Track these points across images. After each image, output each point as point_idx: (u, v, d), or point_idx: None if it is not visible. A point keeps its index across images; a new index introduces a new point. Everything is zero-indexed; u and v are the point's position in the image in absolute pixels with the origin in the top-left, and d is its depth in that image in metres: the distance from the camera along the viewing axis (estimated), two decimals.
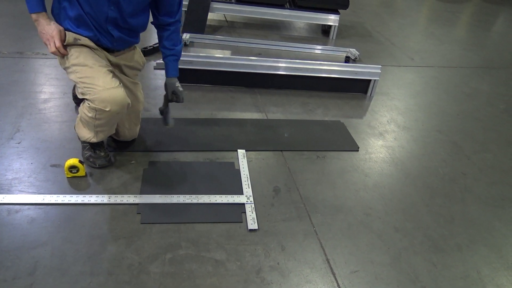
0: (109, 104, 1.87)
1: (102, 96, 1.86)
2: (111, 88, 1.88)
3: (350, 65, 3.44)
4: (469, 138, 2.98)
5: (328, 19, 4.70)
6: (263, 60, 3.24)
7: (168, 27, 2.12)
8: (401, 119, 3.13)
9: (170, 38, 2.14)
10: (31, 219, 1.83)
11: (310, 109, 3.10)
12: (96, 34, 1.95)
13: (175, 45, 2.16)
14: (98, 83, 1.87)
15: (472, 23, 6.49)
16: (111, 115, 1.92)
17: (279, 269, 1.74)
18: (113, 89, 1.88)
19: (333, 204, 2.15)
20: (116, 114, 1.93)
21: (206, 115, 2.82)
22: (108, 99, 1.86)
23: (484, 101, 3.64)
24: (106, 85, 1.87)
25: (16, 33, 3.73)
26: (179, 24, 2.16)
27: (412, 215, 2.16)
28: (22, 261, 1.63)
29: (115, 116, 1.94)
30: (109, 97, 1.86)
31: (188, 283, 1.63)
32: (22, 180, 2.04)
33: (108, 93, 1.86)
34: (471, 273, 1.86)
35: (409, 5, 7.00)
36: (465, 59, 4.70)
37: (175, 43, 2.15)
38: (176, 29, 2.14)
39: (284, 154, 2.51)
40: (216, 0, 4.47)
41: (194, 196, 2.05)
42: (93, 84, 1.87)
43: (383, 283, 1.75)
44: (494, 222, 2.19)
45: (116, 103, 1.89)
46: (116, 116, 1.95)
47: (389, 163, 2.56)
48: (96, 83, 1.87)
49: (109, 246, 1.74)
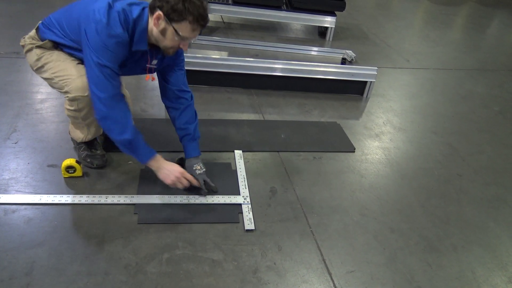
0: (86, 90, 1.86)
1: (77, 83, 1.88)
2: (85, 74, 1.84)
3: (346, 67, 3.46)
4: (464, 140, 3.00)
5: (324, 20, 4.73)
6: (260, 61, 3.25)
7: (178, 104, 2.09)
8: (397, 121, 3.15)
9: (183, 116, 2.09)
10: (28, 219, 1.83)
11: (306, 110, 3.11)
12: None
13: (188, 123, 2.09)
14: (72, 72, 1.89)
15: (467, 25, 6.54)
16: (90, 100, 1.88)
17: (275, 269, 1.75)
18: (85, 75, 1.85)
19: (329, 204, 2.17)
20: None
21: (203, 116, 2.82)
22: (84, 84, 1.86)
23: (478, 103, 3.67)
24: (79, 72, 1.89)
25: (12, 33, 3.72)
26: (190, 102, 2.11)
27: (408, 215, 2.17)
28: (19, 261, 1.63)
29: None
30: (84, 82, 1.85)
31: (185, 283, 1.63)
32: (19, 180, 2.04)
33: (82, 79, 1.86)
34: (466, 273, 1.88)
35: (405, 7, 7.05)
36: (460, 61, 4.73)
37: (187, 121, 2.09)
38: (187, 106, 2.09)
39: (281, 155, 2.52)
40: (213, 1, 4.48)
41: (191, 196, 2.05)
42: (66, 75, 1.90)
43: (379, 283, 1.76)
44: (488, 223, 2.21)
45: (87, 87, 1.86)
46: None
47: (385, 164, 2.58)
48: (69, 73, 1.90)
49: (106, 246, 1.75)
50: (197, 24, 1.71)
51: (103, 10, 1.68)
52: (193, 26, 1.71)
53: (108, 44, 1.69)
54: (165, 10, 1.67)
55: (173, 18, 1.68)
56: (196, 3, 1.67)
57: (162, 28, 1.73)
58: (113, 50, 1.71)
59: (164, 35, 1.75)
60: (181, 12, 1.66)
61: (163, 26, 1.72)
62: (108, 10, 1.69)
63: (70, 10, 1.88)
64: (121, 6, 1.72)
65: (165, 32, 1.74)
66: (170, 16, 1.68)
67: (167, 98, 2.11)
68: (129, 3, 1.76)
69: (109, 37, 1.68)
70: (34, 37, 1.99)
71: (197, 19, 1.69)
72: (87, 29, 1.70)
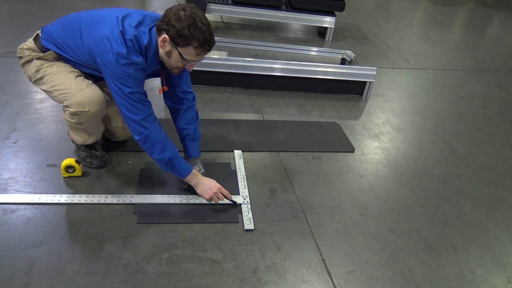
0: (87, 105, 1.88)
1: (78, 98, 1.86)
2: (85, 89, 1.88)
3: (346, 67, 3.46)
4: (463, 140, 3.00)
5: (324, 21, 4.73)
6: (259, 61, 3.25)
7: (180, 104, 2.09)
8: (396, 121, 3.15)
9: (184, 116, 2.10)
10: (28, 219, 1.82)
11: (306, 110, 3.11)
12: None
13: (188, 124, 2.10)
14: (71, 86, 1.88)
15: (467, 26, 6.55)
16: (92, 115, 1.92)
17: (275, 269, 1.75)
18: (86, 89, 1.89)
19: (328, 204, 2.17)
20: (97, 112, 1.93)
21: (202, 116, 2.81)
22: (84, 100, 1.87)
23: (478, 103, 3.68)
24: (79, 86, 1.88)
25: (11, 33, 3.72)
26: (192, 103, 2.12)
27: (407, 215, 2.17)
28: (19, 261, 1.63)
29: (96, 114, 1.94)
30: (85, 97, 1.87)
31: (185, 283, 1.63)
32: (18, 179, 2.04)
33: (83, 94, 1.87)
34: (465, 273, 1.88)
35: (404, 8, 7.05)
36: (459, 62, 4.73)
37: (188, 122, 2.10)
38: (188, 107, 2.10)
39: (280, 155, 2.52)
40: (213, 1, 4.48)
41: (190, 196, 2.05)
42: (66, 89, 1.88)
43: (378, 283, 1.76)
44: (488, 223, 2.21)
45: (94, 102, 1.89)
46: (97, 114, 1.94)
47: (385, 164, 2.58)
48: (69, 87, 1.88)
49: (106, 246, 1.74)
50: (202, 49, 1.71)
51: (119, 40, 1.68)
52: (197, 51, 1.71)
53: (130, 72, 1.71)
54: (171, 34, 1.67)
55: (178, 42, 1.68)
56: (202, 29, 1.65)
57: (167, 50, 1.74)
58: (135, 76, 1.73)
59: (169, 57, 1.76)
60: (187, 37, 1.65)
61: (168, 49, 1.73)
62: (123, 40, 1.69)
63: (75, 31, 1.83)
64: (131, 32, 1.71)
65: (171, 54, 1.75)
66: (175, 40, 1.68)
67: (169, 98, 2.11)
68: (136, 25, 1.75)
69: (130, 66, 1.70)
70: (33, 48, 1.94)
71: (202, 44, 1.68)
72: (105, 60, 1.70)
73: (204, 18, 1.69)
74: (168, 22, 1.66)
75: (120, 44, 1.68)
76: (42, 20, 4.05)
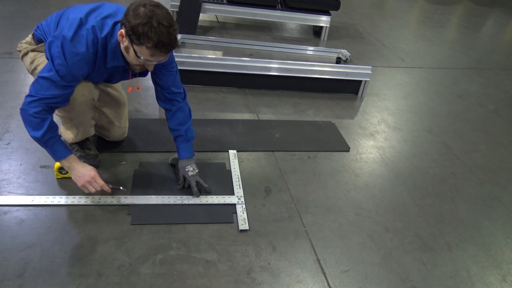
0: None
1: None
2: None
3: (341, 66, 3.46)
4: (459, 139, 3.01)
5: (319, 20, 4.72)
6: (254, 61, 3.24)
7: (170, 105, 2.07)
8: (391, 120, 3.15)
9: (174, 118, 2.07)
10: (20, 221, 1.81)
11: (301, 109, 3.11)
12: None
13: (179, 124, 2.07)
14: None
15: (462, 24, 6.56)
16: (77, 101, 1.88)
17: (270, 269, 1.74)
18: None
19: (324, 204, 2.16)
20: (82, 97, 1.89)
21: (197, 116, 2.81)
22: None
23: (473, 101, 3.68)
24: None
25: (5, 33, 3.70)
26: (182, 103, 2.09)
27: (403, 214, 2.17)
28: (11, 263, 1.62)
29: (81, 100, 1.89)
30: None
31: (179, 284, 1.63)
32: (11, 181, 2.02)
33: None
34: (461, 272, 1.88)
35: (400, 7, 7.06)
36: (455, 60, 4.74)
37: (179, 123, 2.07)
38: (178, 108, 2.07)
39: (275, 154, 2.51)
40: (208, 1, 4.47)
41: (185, 196, 2.05)
42: None
43: (373, 283, 1.75)
44: (483, 221, 2.21)
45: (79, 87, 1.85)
46: (83, 100, 1.90)
47: (380, 163, 2.58)
48: None
49: (99, 247, 1.73)
50: (156, 50, 1.60)
51: (73, 26, 1.65)
52: (151, 51, 1.61)
53: (68, 60, 1.65)
54: (127, 30, 1.59)
55: (133, 39, 1.60)
56: (158, 29, 1.55)
57: (125, 46, 1.67)
58: (71, 65, 1.67)
59: (127, 53, 1.70)
60: (140, 36, 1.57)
61: (126, 44, 1.66)
62: (78, 27, 1.65)
63: (55, 21, 1.84)
64: (93, 22, 1.68)
65: (128, 50, 1.68)
66: (130, 37, 1.60)
67: (160, 100, 2.09)
68: (104, 17, 1.71)
69: (71, 54, 1.65)
70: (30, 42, 1.99)
71: (156, 46, 1.58)
72: (50, 42, 1.67)
73: (166, 18, 1.58)
74: (126, 17, 1.59)
75: (71, 30, 1.64)
76: (36, 20, 4.01)
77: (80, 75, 1.74)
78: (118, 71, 1.93)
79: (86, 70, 1.75)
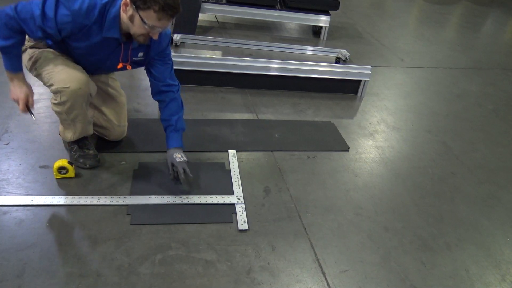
0: (68, 82, 1.86)
1: (61, 75, 1.88)
2: (69, 68, 1.90)
3: (340, 66, 3.46)
4: (458, 138, 3.01)
5: (318, 20, 4.72)
6: (254, 60, 3.24)
7: (164, 97, 2.11)
8: (391, 120, 3.15)
9: (167, 108, 2.12)
10: (20, 221, 1.81)
11: (300, 109, 3.11)
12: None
13: (171, 115, 2.11)
14: (57, 65, 1.91)
15: (461, 24, 6.56)
16: (73, 93, 1.88)
17: (269, 269, 1.75)
18: (70, 68, 1.90)
19: (323, 204, 2.16)
20: (79, 90, 1.89)
21: (196, 116, 2.81)
22: (67, 77, 1.87)
23: (472, 101, 3.68)
24: (64, 65, 1.90)
25: None
26: (176, 95, 2.13)
27: (402, 214, 2.17)
28: (10, 263, 1.61)
29: (78, 93, 1.90)
30: (67, 74, 1.88)
31: (178, 284, 1.62)
32: (10, 181, 2.02)
33: (66, 71, 1.88)
34: (460, 272, 1.88)
35: (399, 7, 7.06)
36: (454, 60, 4.74)
37: (171, 113, 2.12)
38: (171, 99, 2.11)
39: (275, 154, 2.51)
40: (207, 1, 4.47)
41: (184, 196, 2.05)
42: (51, 68, 1.91)
43: (373, 282, 1.76)
44: (482, 221, 2.21)
45: (76, 79, 1.88)
46: (79, 93, 1.90)
47: (379, 163, 2.58)
48: (54, 67, 1.91)
49: (99, 247, 1.73)
50: (163, 13, 1.68)
51: None
52: (158, 15, 1.68)
53: (58, 12, 1.70)
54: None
55: (139, 5, 1.67)
56: None
57: (130, 15, 1.73)
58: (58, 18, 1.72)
59: (132, 22, 1.75)
60: (146, 0, 1.65)
61: (130, 13, 1.72)
62: None
63: None
64: None
65: (133, 19, 1.73)
66: (136, 3, 1.67)
67: (155, 92, 2.13)
68: None
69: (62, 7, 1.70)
70: (28, 39, 1.99)
71: (163, 8, 1.66)
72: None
73: None
74: None
75: None
76: None
77: (62, 29, 1.77)
78: (110, 47, 1.92)
79: (69, 29, 1.77)
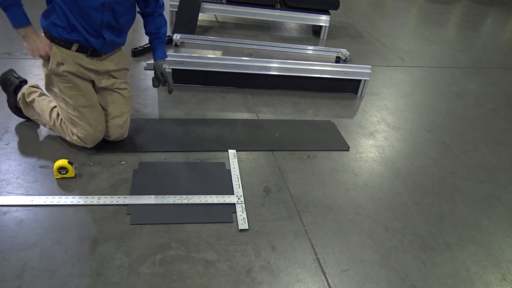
0: (89, 143, 2.21)
1: (90, 138, 2.18)
2: (97, 132, 2.17)
3: (340, 65, 3.46)
4: (458, 138, 3.01)
5: (318, 19, 4.72)
6: (254, 60, 3.24)
7: (152, 12, 2.26)
8: (391, 119, 3.15)
9: (154, 22, 2.28)
10: (20, 221, 1.81)
11: (300, 109, 3.11)
12: (87, 38, 2.02)
13: (159, 28, 2.29)
14: (89, 124, 2.13)
15: (461, 23, 6.56)
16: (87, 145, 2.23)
17: (269, 269, 1.75)
18: (98, 132, 2.18)
19: (323, 203, 2.16)
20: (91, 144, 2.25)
21: (197, 116, 2.81)
22: (93, 140, 2.20)
23: (472, 101, 3.68)
24: (95, 127, 2.15)
25: (4, 33, 3.69)
26: (162, 9, 2.29)
27: (402, 214, 2.17)
28: (10, 263, 1.62)
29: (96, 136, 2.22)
30: (93, 138, 2.19)
31: (178, 284, 1.63)
32: (10, 181, 2.02)
33: (94, 137, 2.18)
34: (460, 271, 1.88)
35: (399, 6, 7.06)
36: (454, 59, 4.74)
37: (159, 26, 2.29)
38: (159, 13, 2.28)
39: (275, 154, 2.51)
40: (207, 1, 4.47)
41: (184, 196, 2.05)
42: (83, 123, 2.13)
43: (373, 282, 1.76)
44: (482, 220, 2.21)
45: (95, 142, 2.23)
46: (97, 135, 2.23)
47: (379, 163, 2.58)
48: (86, 123, 2.13)
49: (99, 247, 1.73)
50: None
51: None
52: None
53: None
54: None
55: None
56: None
57: None
58: None
59: None
60: None
61: None
62: None
63: None
64: None
65: None
66: None
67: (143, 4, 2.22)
68: None
69: None
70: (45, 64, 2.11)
71: None
72: None
73: None
74: None
75: None
76: (35, 20, 4.01)
77: None
78: None
79: None
